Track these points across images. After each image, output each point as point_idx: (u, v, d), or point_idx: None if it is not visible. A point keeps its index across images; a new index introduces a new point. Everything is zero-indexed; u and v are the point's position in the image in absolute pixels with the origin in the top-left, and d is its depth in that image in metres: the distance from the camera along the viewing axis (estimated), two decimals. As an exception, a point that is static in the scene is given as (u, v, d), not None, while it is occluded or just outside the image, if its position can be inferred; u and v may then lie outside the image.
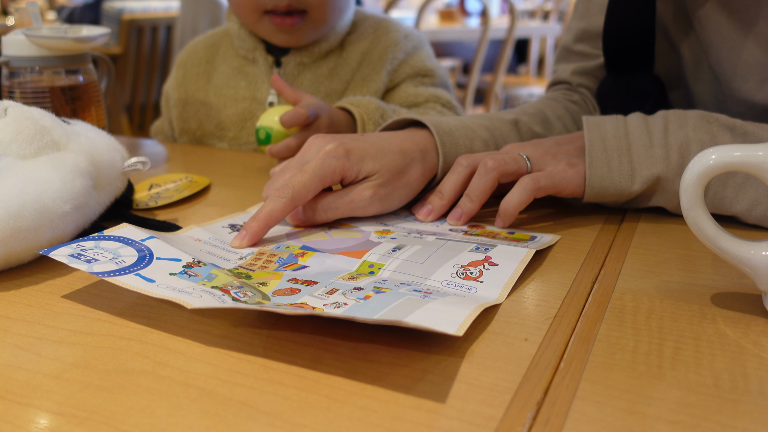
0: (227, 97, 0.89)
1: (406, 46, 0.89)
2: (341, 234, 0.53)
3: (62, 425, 0.30)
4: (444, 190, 0.58)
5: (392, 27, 0.90)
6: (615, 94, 0.70)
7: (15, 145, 0.49)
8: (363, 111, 0.76)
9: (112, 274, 0.40)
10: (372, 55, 0.88)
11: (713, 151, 0.38)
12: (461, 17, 4.32)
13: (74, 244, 0.43)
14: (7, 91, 0.72)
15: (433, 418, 0.30)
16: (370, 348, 0.36)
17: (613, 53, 0.69)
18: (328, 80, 0.88)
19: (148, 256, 0.44)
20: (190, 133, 0.93)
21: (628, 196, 0.56)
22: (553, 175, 0.55)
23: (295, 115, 0.70)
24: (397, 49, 0.88)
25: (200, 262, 0.45)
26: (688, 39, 0.65)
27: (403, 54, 0.89)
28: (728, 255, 0.39)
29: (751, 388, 0.33)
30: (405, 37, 0.90)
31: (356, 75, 0.88)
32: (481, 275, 0.45)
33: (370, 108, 0.77)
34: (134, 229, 0.47)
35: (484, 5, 2.75)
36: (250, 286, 0.43)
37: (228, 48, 0.92)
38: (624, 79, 0.70)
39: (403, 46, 0.89)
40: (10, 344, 0.37)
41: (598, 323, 0.39)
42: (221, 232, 0.53)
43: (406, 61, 0.89)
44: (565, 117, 0.72)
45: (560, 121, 0.71)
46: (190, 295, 0.38)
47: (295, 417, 0.31)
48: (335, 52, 0.88)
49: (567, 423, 0.30)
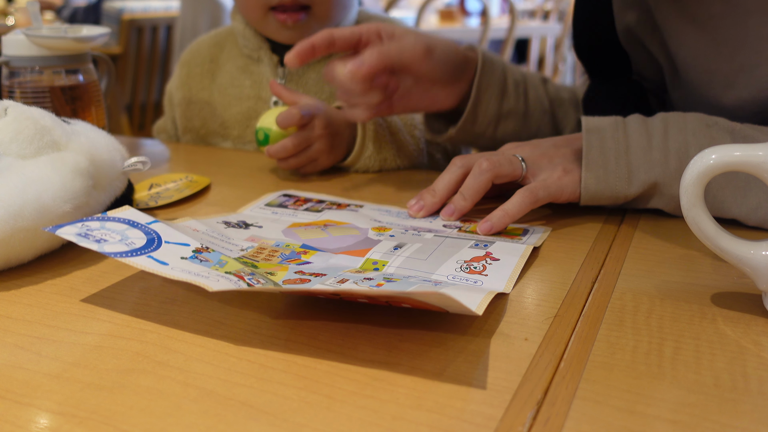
0: (232, 96, 0.90)
1: None
2: (339, 232, 0.53)
3: (62, 425, 0.30)
4: (437, 188, 0.58)
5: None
6: (599, 99, 0.71)
7: (15, 145, 0.49)
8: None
9: (124, 255, 0.40)
10: None
11: (713, 151, 0.38)
12: (461, 17, 4.32)
13: (79, 224, 0.43)
14: (7, 91, 0.72)
15: (433, 417, 0.30)
16: (370, 348, 0.36)
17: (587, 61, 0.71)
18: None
19: (156, 239, 0.43)
20: (193, 131, 0.93)
21: (625, 199, 0.56)
22: (549, 185, 0.56)
23: (288, 115, 0.70)
24: None
25: (208, 248, 0.45)
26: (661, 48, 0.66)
27: None
28: (728, 255, 0.39)
29: (751, 387, 0.33)
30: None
31: None
32: (484, 269, 0.45)
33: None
34: (137, 213, 0.47)
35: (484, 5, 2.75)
36: (259, 274, 0.43)
37: (232, 47, 0.92)
38: (606, 86, 0.71)
39: None
40: (11, 344, 0.37)
41: (598, 323, 0.39)
42: (217, 227, 0.53)
43: None
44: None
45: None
46: (208, 279, 0.39)
47: (295, 417, 0.31)
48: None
49: (567, 423, 0.30)
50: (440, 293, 0.33)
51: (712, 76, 0.60)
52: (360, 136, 0.74)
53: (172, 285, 0.44)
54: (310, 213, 0.59)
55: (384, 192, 0.68)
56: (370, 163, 0.75)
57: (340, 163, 0.76)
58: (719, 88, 0.60)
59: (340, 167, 0.76)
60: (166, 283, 0.44)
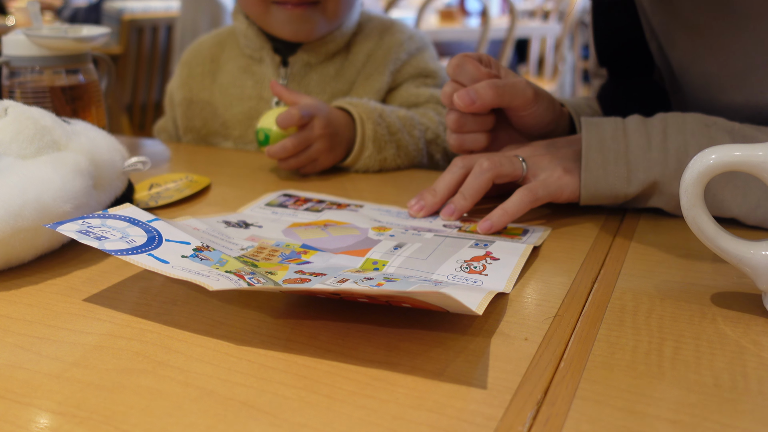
0: (233, 96, 0.90)
1: (410, 47, 0.90)
2: (339, 232, 0.53)
3: (62, 425, 0.30)
4: (438, 188, 0.59)
5: (397, 28, 0.91)
6: (615, 98, 0.71)
7: (15, 145, 0.49)
8: (362, 110, 0.76)
9: (125, 252, 0.40)
10: (376, 55, 0.88)
11: (713, 151, 0.38)
12: (461, 17, 4.32)
13: (80, 221, 0.43)
14: (7, 91, 0.72)
15: (433, 417, 0.31)
16: (370, 348, 0.36)
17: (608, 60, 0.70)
18: (334, 81, 0.88)
19: (157, 237, 0.43)
20: (194, 131, 0.93)
21: (624, 198, 0.56)
22: (549, 184, 0.56)
23: (288, 116, 0.70)
24: (401, 50, 0.89)
25: (209, 246, 0.45)
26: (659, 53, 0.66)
27: (406, 55, 0.89)
28: (728, 255, 0.39)
29: (751, 387, 0.33)
30: (409, 38, 0.90)
31: (360, 75, 0.88)
32: (484, 269, 0.45)
33: (368, 107, 0.77)
34: (138, 210, 0.47)
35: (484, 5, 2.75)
36: (260, 273, 0.43)
37: (234, 47, 0.92)
38: (625, 84, 0.70)
39: (407, 47, 0.89)
40: (11, 344, 0.37)
41: (598, 323, 0.39)
42: (217, 226, 0.53)
43: (409, 62, 0.89)
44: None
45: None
46: (208, 278, 0.39)
47: (295, 417, 0.31)
48: (341, 54, 0.89)
49: (567, 422, 0.30)
50: (440, 293, 0.33)
51: (707, 80, 0.61)
52: (359, 136, 0.74)
53: (173, 285, 0.44)
54: (310, 213, 0.59)
55: (384, 192, 0.68)
56: (370, 163, 0.75)
57: (340, 163, 0.76)
58: (714, 92, 0.60)
59: (340, 167, 0.76)
60: (166, 283, 0.44)
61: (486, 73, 0.60)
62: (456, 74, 0.61)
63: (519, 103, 0.60)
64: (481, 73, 0.60)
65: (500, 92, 0.58)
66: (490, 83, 0.59)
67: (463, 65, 0.60)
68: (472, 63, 0.60)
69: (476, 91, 0.58)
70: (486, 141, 0.62)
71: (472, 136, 0.62)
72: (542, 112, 0.62)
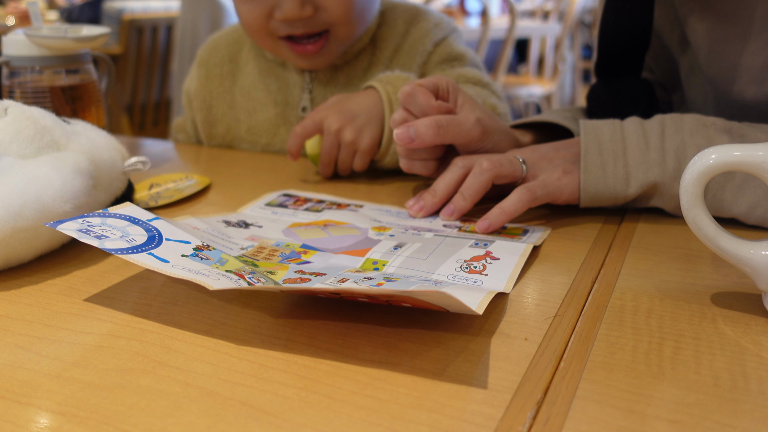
0: (257, 101, 0.86)
1: (436, 36, 0.86)
2: (339, 231, 0.53)
3: (62, 425, 0.30)
4: (437, 188, 0.58)
5: (422, 17, 0.87)
6: (605, 99, 0.70)
7: (15, 145, 0.49)
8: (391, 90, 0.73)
9: (125, 251, 0.40)
10: (402, 49, 0.85)
11: (713, 151, 0.38)
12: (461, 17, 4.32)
13: (80, 219, 0.43)
14: (7, 91, 0.72)
15: (433, 417, 0.31)
16: (370, 348, 0.36)
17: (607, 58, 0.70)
18: (361, 80, 0.84)
19: (157, 236, 0.43)
20: (218, 137, 0.89)
21: (624, 199, 0.56)
22: (548, 184, 0.56)
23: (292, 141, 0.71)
24: (427, 41, 0.85)
25: (209, 246, 0.45)
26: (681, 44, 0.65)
27: (432, 45, 0.86)
28: (728, 255, 0.39)
29: (751, 387, 0.33)
30: (435, 26, 0.86)
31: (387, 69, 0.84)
32: (484, 269, 0.45)
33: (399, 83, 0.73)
34: (138, 209, 0.47)
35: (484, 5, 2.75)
36: (260, 273, 0.43)
37: (252, 45, 0.87)
38: (614, 84, 0.70)
39: (433, 36, 0.86)
40: (11, 344, 0.37)
41: (598, 323, 0.39)
42: (217, 226, 0.53)
43: (435, 51, 0.86)
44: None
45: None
46: (208, 277, 0.39)
47: (295, 417, 0.31)
48: (368, 50, 0.85)
49: (567, 422, 0.30)
50: (441, 292, 0.33)
51: (737, 71, 0.60)
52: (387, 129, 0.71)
53: (173, 285, 0.44)
54: (310, 213, 0.59)
55: (384, 192, 0.68)
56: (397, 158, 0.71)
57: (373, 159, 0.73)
58: (743, 84, 0.60)
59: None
60: (166, 283, 0.44)
61: (436, 107, 0.60)
62: (406, 103, 0.60)
63: (462, 142, 0.60)
64: (430, 106, 0.59)
65: (442, 132, 0.58)
66: (432, 121, 0.58)
67: (414, 95, 0.59)
68: (423, 94, 0.59)
69: (416, 129, 0.58)
70: (435, 167, 0.63)
71: (420, 162, 0.62)
72: (492, 147, 0.61)
